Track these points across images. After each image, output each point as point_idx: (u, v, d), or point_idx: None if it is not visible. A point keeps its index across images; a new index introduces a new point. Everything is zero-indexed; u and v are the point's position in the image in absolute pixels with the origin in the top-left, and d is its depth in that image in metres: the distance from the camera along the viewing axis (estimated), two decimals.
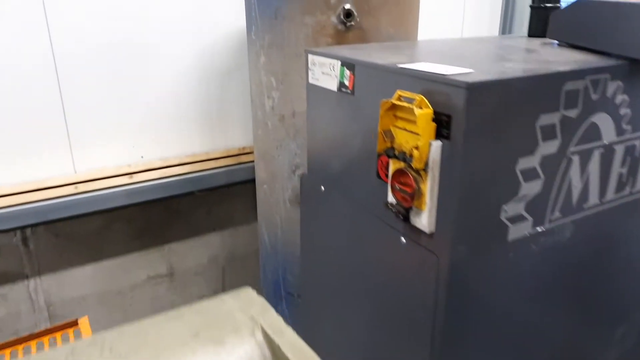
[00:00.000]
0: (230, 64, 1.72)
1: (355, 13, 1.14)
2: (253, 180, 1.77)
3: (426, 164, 0.69)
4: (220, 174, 1.71)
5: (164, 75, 1.61)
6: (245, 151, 1.78)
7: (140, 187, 1.57)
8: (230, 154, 1.75)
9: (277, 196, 1.42)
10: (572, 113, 0.76)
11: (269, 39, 1.25)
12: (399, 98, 0.72)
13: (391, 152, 0.75)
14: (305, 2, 1.16)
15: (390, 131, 0.75)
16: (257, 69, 1.32)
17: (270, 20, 1.22)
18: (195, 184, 1.67)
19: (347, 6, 1.12)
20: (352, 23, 1.15)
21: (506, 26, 2.30)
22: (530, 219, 0.77)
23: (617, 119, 0.84)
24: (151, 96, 1.61)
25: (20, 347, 1.30)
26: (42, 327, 1.62)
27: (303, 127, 1.28)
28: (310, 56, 0.94)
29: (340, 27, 1.17)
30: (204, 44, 1.65)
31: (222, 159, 1.72)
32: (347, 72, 0.81)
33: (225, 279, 2.00)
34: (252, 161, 1.78)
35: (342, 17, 1.13)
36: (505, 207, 0.73)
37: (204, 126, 1.74)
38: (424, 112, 0.67)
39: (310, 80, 0.95)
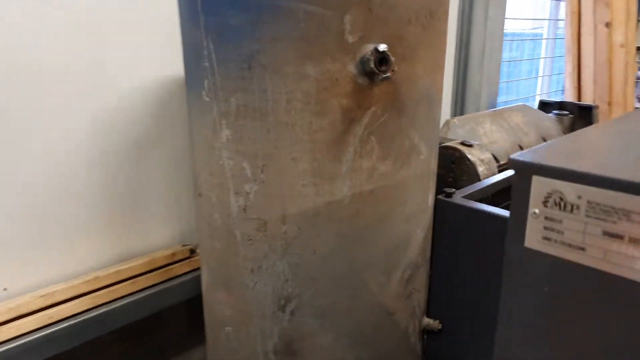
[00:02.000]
0: (151, 134, 1.20)
1: (392, 60, 0.73)
2: (188, 301, 1.24)
3: None
4: (140, 303, 1.15)
5: (38, 157, 1.04)
6: (177, 258, 1.24)
7: (2, 353, 0.95)
8: (154, 265, 1.20)
9: (251, 345, 0.92)
10: None
11: (238, 101, 0.78)
12: None
13: None
14: (304, 42, 0.73)
15: None
16: (214, 148, 0.83)
17: (241, 72, 0.76)
18: (99, 326, 1.09)
19: (382, 47, 0.71)
20: (388, 74, 0.73)
21: (457, 108, 2.12)
22: None
23: None
24: (16, 190, 1.02)
25: None
26: None
27: (300, 237, 0.82)
28: (552, 184, 0.39)
29: (363, 80, 0.75)
30: (104, 107, 1.11)
31: (141, 277, 1.16)
32: None
33: None
34: (190, 271, 1.24)
35: (371, 65, 0.71)
36: None
37: (108, 227, 1.17)
38: None
39: (533, 244, 0.43)
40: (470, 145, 1.26)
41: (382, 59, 0.72)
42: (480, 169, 1.21)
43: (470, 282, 1.00)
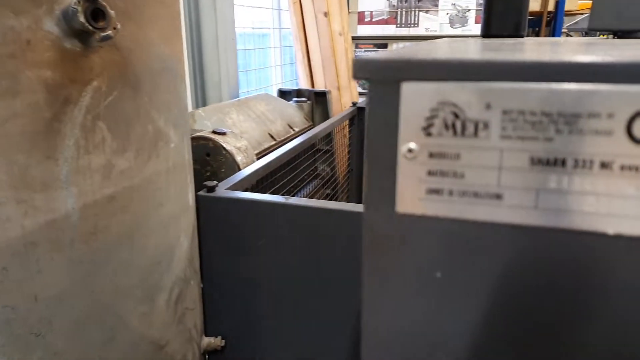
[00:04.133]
0: None
1: (111, 14, 0.55)
2: None
3: None
4: None
5: None
6: None
7: None
8: None
9: None
10: None
11: None
12: None
13: None
14: None
15: None
16: None
17: None
18: None
19: None
20: (109, 33, 0.55)
21: (198, 99, 1.98)
22: None
23: None
24: None
25: None
26: None
27: (7, 281, 0.57)
28: (440, 91, 0.24)
29: (72, 43, 0.55)
30: None
31: None
32: None
33: None
34: None
35: (81, 19, 0.52)
36: None
37: None
38: None
39: (411, 205, 0.27)
40: (223, 134, 1.15)
41: (96, 11, 0.53)
42: (239, 158, 1.12)
43: (246, 285, 0.89)
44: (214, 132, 1.14)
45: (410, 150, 0.25)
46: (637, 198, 0.22)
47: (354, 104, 2.16)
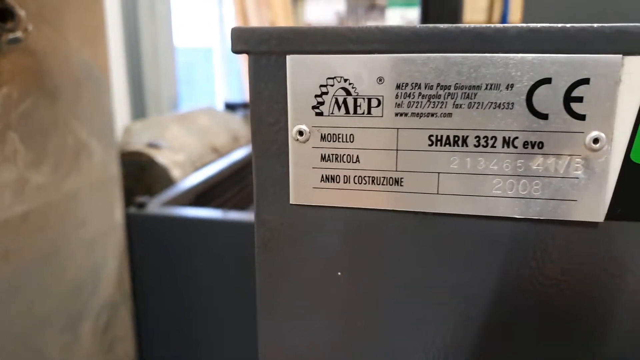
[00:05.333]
0: None
1: (21, 14, 0.52)
2: None
3: None
4: None
5: None
6: None
7: None
8: None
9: None
10: None
11: None
12: None
13: None
14: None
15: None
16: None
17: None
18: None
19: None
20: (18, 36, 0.52)
21: (137, 113, 1.91)
22: None
23: None
24: None
25: None
26: None
27: None
28: (329, 65, 0.23)
29: None
30: None
31: None
32: None
33: None
34: None
35: None
36: None
37: None
38: None
39: (305, 196, 0.25)
40: (158, 147, 1.12)
41: (3, 12, 0.50)
42: (176, 173, 1.09)
43: (183, 308, 0.86)
44: (148, 145, 1.11)
45: (300, 133, 0.23)
46: (543, 177, 0.22)
47: None
